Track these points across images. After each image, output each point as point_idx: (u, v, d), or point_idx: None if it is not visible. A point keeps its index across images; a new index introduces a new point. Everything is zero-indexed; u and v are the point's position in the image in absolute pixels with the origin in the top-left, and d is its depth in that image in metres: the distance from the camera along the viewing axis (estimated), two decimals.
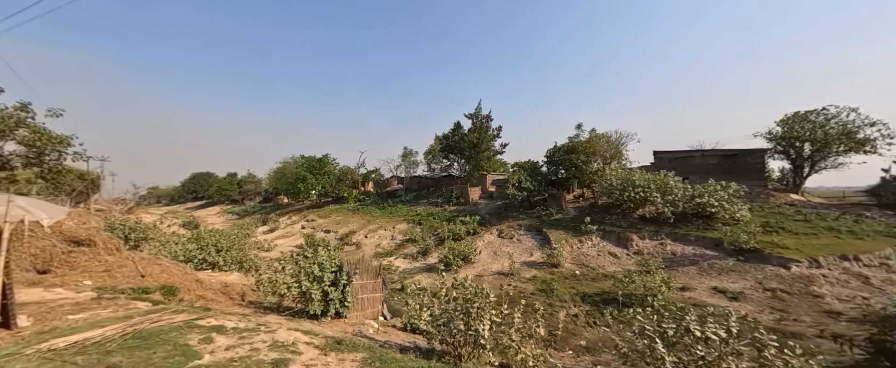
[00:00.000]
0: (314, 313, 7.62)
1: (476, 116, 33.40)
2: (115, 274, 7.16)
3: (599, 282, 12.46)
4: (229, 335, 3.71)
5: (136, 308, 4.74)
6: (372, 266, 9.21)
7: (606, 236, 16.42)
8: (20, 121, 10.27)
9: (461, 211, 28.56)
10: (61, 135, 11.07)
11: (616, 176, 17.24)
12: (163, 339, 3.34)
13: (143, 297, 5.57)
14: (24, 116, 10.49)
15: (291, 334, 4.11)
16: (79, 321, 4.03)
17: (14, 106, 10.75)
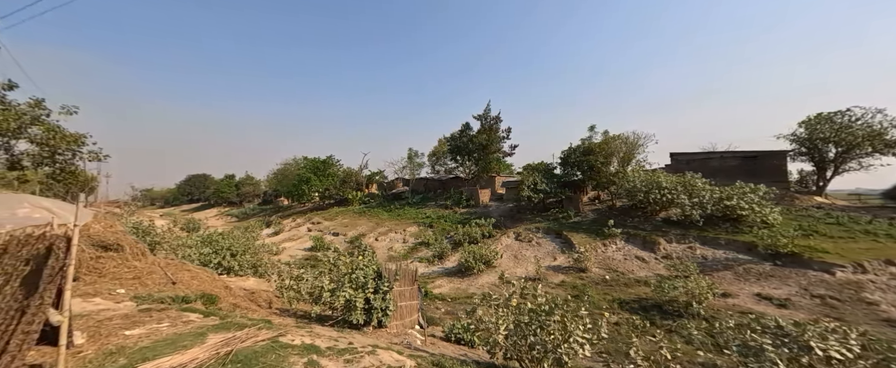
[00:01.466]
0: (357, 322, 7.17)
1: (485, 117, 33.13)
2: (145, 281, 6.66)
3: (633, 288, 12.10)
4: (330, 357, 3.26)
5: (191, 321, 4.27)
6: (409, 271, 8.78)
7: (630, 239, 16.10)
8: (35, 118, 9.73)
9: (472, 213, 28.15)
10: (76, 134, 10.52)
11: (639, 178, 16.97)
12: (264, 364, 2.89)
13: (191, 308, 5.09)
14: (39, 113, 9.95)
15: (390, 354, 3.68)
16: (139, 337, 3.56)
17: (27, 102, 10.21)
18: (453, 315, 11.32)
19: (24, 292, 2.96)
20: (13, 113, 9.29)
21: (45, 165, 10.66)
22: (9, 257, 3.37)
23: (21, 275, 3.12)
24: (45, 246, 3.23)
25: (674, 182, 15.75)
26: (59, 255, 2.96)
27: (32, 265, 3.15)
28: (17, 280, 3.09)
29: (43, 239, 3.34)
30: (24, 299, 2.89)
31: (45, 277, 2.85)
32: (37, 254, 3.21)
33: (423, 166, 47.06)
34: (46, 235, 3.36)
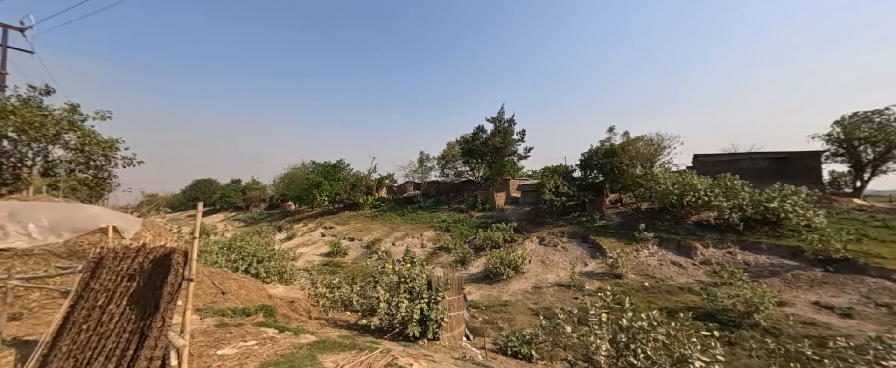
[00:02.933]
0: (413, 335, 6.85)
1: (499, 120, 32.91)
2: (196, 292, 6.38)
3: (677, 296, 11.67)
4: None
5: (275, 339, 3.97)
6: (456, 280, 8.47)
7: (663, 244, 15.66)
8: (72, 124, 9.59)
9: (489, 217, 27.76)
10: (110, 139, 10.37)
11: (671, 180, 16.59)
12: None
13: (264, 323, 4.79)
14: (76, 119, 9.82)
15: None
16: (237, 359, 3.27)
17: (62, 107, 10.09)
18: (492, 324, 10.95)
19: (136, 311, 2.68)
20: (51, 118, 9.15)
21: (79, 171, 10.51)
22: (107, 272, 3.11)
23: (127, 293, 2.85)
24: (149, 260, 2.96)
25: (710, 184, 15.36)
26: (178, 271, 2.69)
27: (139, 281, 2.88)
28: (124, 298, 2.82)
29: (143, 252, 3.07)
30: (139, 320, 2.61)
31: (165, 295, 2.57)
32: (141, 269, 2.94)
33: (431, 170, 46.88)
34: (145, 247, 3.09)
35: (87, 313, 2.91)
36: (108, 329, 2.72)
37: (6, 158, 9.67)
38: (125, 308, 2.75)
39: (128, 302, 2.77)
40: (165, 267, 2.76)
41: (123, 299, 2.81)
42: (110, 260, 3.14)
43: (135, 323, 2.62)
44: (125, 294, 2.83)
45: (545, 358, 7.49)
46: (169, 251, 2.84)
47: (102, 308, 2.88)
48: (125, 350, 2.52)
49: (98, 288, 3.01)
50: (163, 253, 2.88)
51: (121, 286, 2.91)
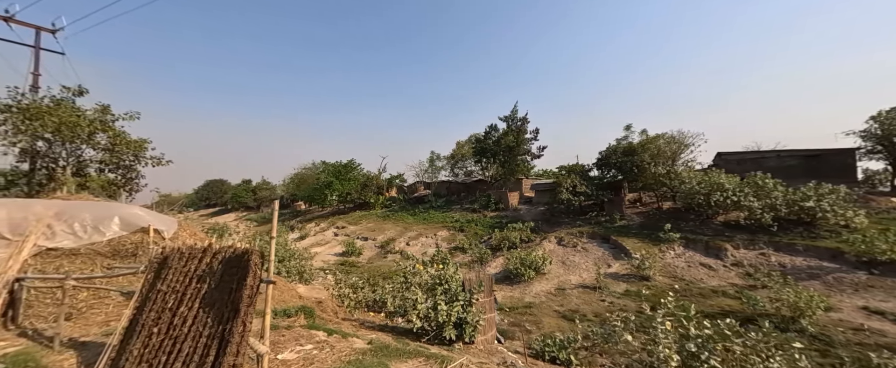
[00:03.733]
0: (449, 338, 6.67)
1: (512, 119, 32.56)
2: None
3: (711, 299, 11.24)
4: None
5: (328, 342, 3.84)
6: (488, 281, 8.27)
7: (690, 245, 15.19)
8: (104, 124, 9.71)
9: (503, 217, 27.47)
10: (139, 139, 10.48)
11: (697, 179, 16.09)
12: None
13: (311, 324, 4.68)
14: (108, 119, 9.95)
15: None
16: (298, 364, 3.14)
17: (93, 108, 10.23)
18: (519, 326, 10.72)
19: (212, 315, 2.56)
20: (85, 119, 9.27)
21: (108, 171, 10.64)
22: (173, 273, 3.01)
23: (198, 295, 2.74)
24: (218, 261, 2.84)
25: (739, 183, 14.83)
26: (256, 272, 2.56)
27: (210, 282, 2.77)
28: (195, 300, 2.71)
29: (209, 252, 2.96)
30: (216, 324, 2.49)
31: (245, 298, 2.44)
32: (210, 270, 2.83)
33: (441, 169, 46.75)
34: (211, 248, 2.98)
35: (156, 315, 2.81)
36: (181, 332, 2.60)
37: (41, 159, 9.83)
38: (198, 312, 2.63)
39: (200, 304, 2.66)
40: (240, 268, 2.63)
41: (195, 301, 2.70)
42: (176, 260, 3.04)
43: (212, 328, 2.50)
44: (196, 296, 2.72)
45: (584, 365, 7.23)
46: (241, 252, 2.71)
47: (173, 311, 2.77)
48: (204, 355, 2.40)
49: (166, 290, 2.91)
50: (234, 254, 2.76)
51: (190, 288, 2.80)
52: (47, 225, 5.02)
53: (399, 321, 8.97)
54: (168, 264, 3.07)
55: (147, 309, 2.88)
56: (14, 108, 8.86)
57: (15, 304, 4.33)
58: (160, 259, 3.18)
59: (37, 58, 10.88)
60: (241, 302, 2.43)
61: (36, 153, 9.59)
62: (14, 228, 4.84)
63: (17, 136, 8.55)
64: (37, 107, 8.75)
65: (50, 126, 8.44)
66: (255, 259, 2.58)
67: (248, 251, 2.65)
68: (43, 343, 3.72)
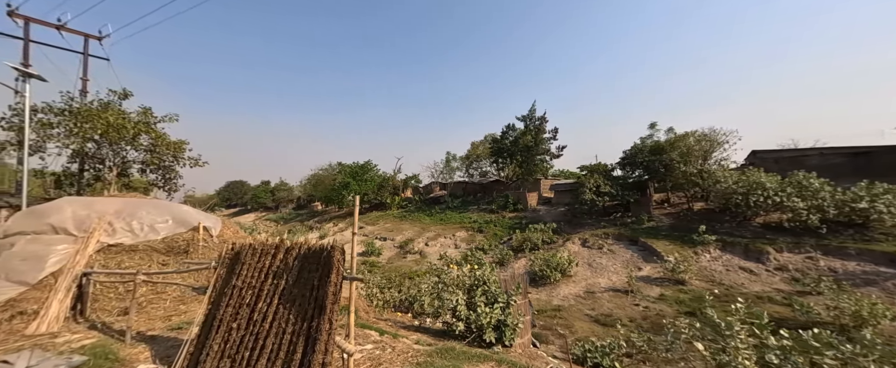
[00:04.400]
0: (489, 341, 6.52)
1: (530, 118, 32.09)
2: None
3: (756, 305, 10.58)
4: None
5: (385, 343, 3.77)
6: (524, 282, 8.07)
7: (727, 248, 14.42)
8: (147, 126, 10.14)
9: (523, 217, 27.06)
10: (178, 141, 10.88)
11: (733, 178, 15.29)
12: None
13: (360, 322, 4.64)
14: (151, 121, 10.39)
15: None
16: (364, 363, 3.07)
17: (136, 111, 10.68)
18: (551, 330, 10.43)
19: (293, 311, 2.53)
20: (130, 122, 9.70)
21: (149, 172, 11.08)
22: (247, 269, 3.01)
23: (276, 291, 2.72)
24: (293, 257, 2.82)
25: (781, 182, 13.99)
26: (339, 269, 2.51)
27: (287, 279, 2.74)
28: (274, 297, 2.69)
29: (282, 249, 2.94)
30: (300, 321, 2.45)
31: (330, 296, 2.39)
32: (287, 267, 2.80)
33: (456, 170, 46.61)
34: (284, 244, 2.96)
35: (234, 311, 2.81)
36: (263, 328, 2.58)
37: (89, 160, 10.34)
38: (278, 308, 2.60)
39: (280, 301, 2.63)
40: (320, 264, 2.59)
41: (273, 298, 2.68)
42: (248, 256, 3.04)
43: (295, 324, 2.46)
44: (274, 292, 2.70)
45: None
46: (319, 248, 2.67)
47: (251, 307, 2.76)
48: (291, 353, 2.36)
49: (241, 285, 2.91)
50: (311, 250, 2.72)
51: (267, 283, 2.79)
52: (108, 223, 5.22)
53: (428, 321, 8.86)
54: (240, 260, 3.07)
55: (223, 305, 2.88)
56: (66, 112, 9.36)
57: (83, 298, 4.51)
58: (231, 255, 3.19)
59: (85, 64, 11.50)
60: (327, 298, 2.38)
61: (85, 154, 10.09)
62: (79, 224, 5.05)
63: (71, 138, 9.02)
64: (88, 109, 9.21)
65: (100, 128, 8.87)
66: (337, 255, 2.52)
67: (330, 247, 2.60)
68: (114, 336, 3.83)
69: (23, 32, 10.17)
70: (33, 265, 4.40)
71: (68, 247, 4.74)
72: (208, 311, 2.99)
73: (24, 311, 4.07)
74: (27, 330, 3.93)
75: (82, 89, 11.23)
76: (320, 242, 2.77)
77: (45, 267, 4.40)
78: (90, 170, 10.58)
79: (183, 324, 4.14)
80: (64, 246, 4.72)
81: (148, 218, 5.57)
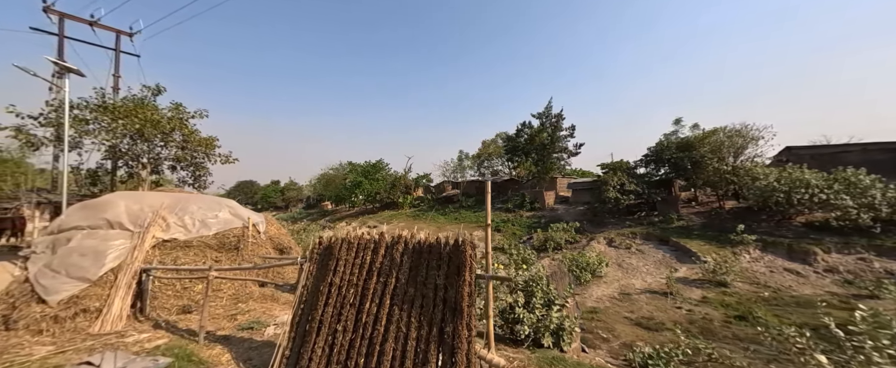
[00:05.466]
0: (546, 346, 6.16)
1: (546, 115, 31.55)
2: None
3: (811, 309, 10.01)
4: None
5: None
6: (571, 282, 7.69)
7: (768, 248, 13.77)
8: (182, 122, 10.05)
9: (541, 217, 26.56)
10: (209, 137, 10.78)
11: (773, 175, 14.63)
12: None
13: None
14: (183, 117, 10.30)
15: None
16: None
17: (168, 107, 10.61)
18: (592, 333, 10.02)
19: (415, 313, 2.23)
20: (165, 118, 9.62)
21: (180, 168, 11.02)
22: (343, 265, 2.73)
23: (386, 290, 2.43)
24: (399, 251, 2.52)
25: (826, 179, 13.30)
26: (472, 266, 2.21)
27: (398, 276, 2.45)
28: (385, 296, 2.39)
29: (383, 243, 2.65)
30: (424, 325, 2.15)
31: (464, 297, 2.09)
32: (396, 263, 2.51)
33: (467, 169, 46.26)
34: (384, 237, 2.67)
35: (335, 311, 2.53)
36: (376, 332, 2.30)
37: (122, 157, 10.30)
38: (393, 309, 2.32)
39: (393, 301, 2.34)
40: (442, 260, 2.29)
41: (384, 297, 2.39)
42: (343, 251, 2.76)
43: (420, 329, 2.17)
44: (383, 292, 2.41)
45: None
46: (439, 242, 2.37)
47: (356, 307, 2.48)
48: (421, 362, 2.06)
49: (340, 283, 2.63)
50: (428, 245, 2.42)
51: (372, 282, 2.50)
52: (162, 218, 5.04)
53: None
54: (333, 255, 2.80)
55: (320, 304, 2.61)
56: (102, 107, 9.30)
57: (143, 295, 4.32)
58: (321, 250, 2.92)
59: (117, 60, 11.50)
60: (462, 300, 2.07)
61: (118, 152, 10.04)
62: (133, 219, 4.88)
63: (108, 134, 8.96)
64: (124, 106, 9.14)
65: (136, 124, 8.78)
66: (470, 250, 2.22)
67: (460, 241, 2.29)
68: (184, 336, 3.61)
69: (57, 28, 10.16)
70: (93, 260, 4.22)
71: (125, 242, 4.56)
72: (300, 312, 2.72)
73: (86, 309, 3.89)
74: (92, 329, 3.74)
75: (114, 86, 11.23)
76: (437, 235, 2.47)
77: (104, 263, 4.22)
78: (123, 167, 10.54)
79: (253, 324, 3.91)
80: (121, 241, 4.54)
81: (199, 214, 5.38)
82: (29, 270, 4.21)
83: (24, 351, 3.12)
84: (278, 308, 4.59)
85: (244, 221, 5.79)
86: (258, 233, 5.94)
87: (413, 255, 2.45)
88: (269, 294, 5.16)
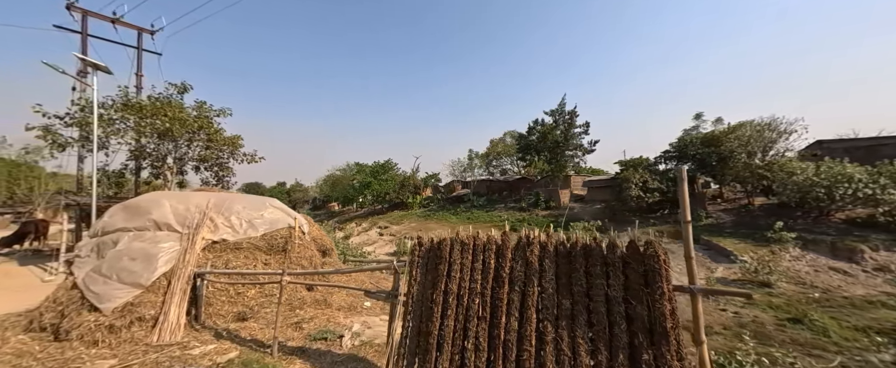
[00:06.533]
0: None
1: (559, 112, 31.04)
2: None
3: (869, 311, 9.45)
4: None
5: None
6: None
7: (809, 246, 13.19)
8: (208, 120, 9.79)
9: (558, 216, 26.03)
10: (233, 136, 10.51)
11: (811, 170, 14.04)
12: None
13: None
14: (210, 115, 10.04)
15: None
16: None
17: (191, 106, 10.36)
18: None
19: (578, 334, 1.85)
20: (191, 117, 9.35)
21: (205, 168, 10.76)
22: (458, 270, 2.36)
23: (527, 303, 2.05)
24: (535, 255, 2.14)
25: (871, 173, 12.70)
26: (669, 277, 1.83)
27: (541, 284, 2.07)
28: (529, 309, 2.02)
29: (509, 246, 2.26)
30: (603, 349, 1.77)
31: (666, 317, 1.70)
32: (532, 269, 2.13)
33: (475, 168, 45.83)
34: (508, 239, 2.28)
35: (460, 326, 2.16)
36: (525, 354, 1.92)
37: (146, 158, 10.05)
38: (542, 325, 1.94)
39: (543, 315, 1.96)
40: (612, 267, 1.90)
41: (527, 311, 2.01)
42: (456, 253, 2.39)
43: (596, 354, 1.78)
44: (524, 303, 2.03)
45: None
46: (598, 245, 1.98)
47: (486, 321, 2.10)
48: None
49: (459, 291, 2.26)
50: (588, 249, 2.03)
51: (505, 291, 2.13)
52: (210, 218, 4.72)
53: None
54: (443, 258, 2.42)
55: (436, 316, 2.24)
56: (129, 106, 9.06)
57: (197, 302, 4.00)
58: (424, 252, 2.55)
59: (139, 58, 11.28)
60: (663, 319, 1.68)
61: (144, 152, 9.80)
62: (180, 220, 4.57)
63: (137, 133, 8.71)
64: (152, 104, 8.89)
65: (166, 122, 8.52)
66: (664, 256, 1.83)
67: (633, 243, 1.91)
68: (252, 347, 3.27)
69: (80, 26, 9.95)
70: (144, 264, 3.91)
71: (175, 245, 4.25)
72: (409, 325, 2.35)
73: (142, 317, 3.57)
74: (150, 339, 3.42)
75: (137, 85, 11.01)
76: (592, 236, 2.09)
77: (156, 267, 3.91)
78: (147, 168, 10.30)
79: (325, 333, 3.57)
80: (170, 243, 4.23)
81: (245, 213, 5.07)
82: (75, 275, 3.91)
83: (86, 367, 2.80)
84: (342, 315, 4.24)
85: (289, 221, 5.46)
86: (302, 234, 5.60)
87: (559, 260, 2.07)
88: (320, 298, 4.83)
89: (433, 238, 2.59)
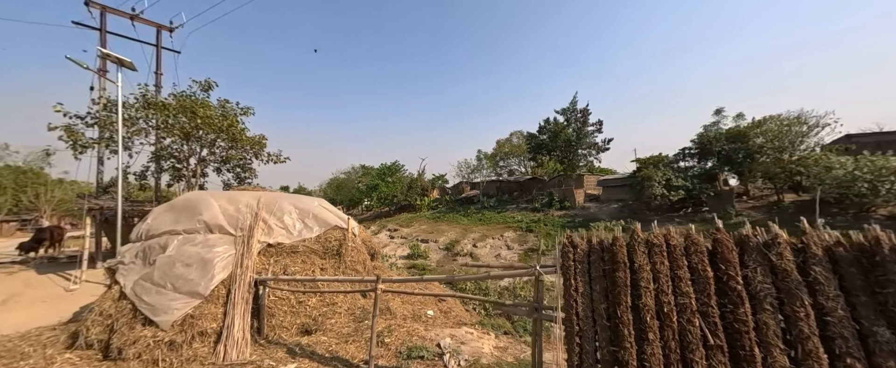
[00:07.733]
0: None
1: (571, 111, 30.65)
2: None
3: None
4: None
5: None
6: None
7: None
8: (234, 118, 9.37)
9: (574, 216, 25.52)
10: (258, 136, 10.08)
11: (851, 165, 13.53)
12: None
13: None
14: (235, 113, 9.62)
15: None
16: None
17: (216, 104, 9.94)
18: None
19: None
20: (217, 116, 8.93)
21: (227, 170, 10.33)
22: (651, 280, 1.88)
23: (804, 329, 1.56)
24: (787, 259, 1.64)
25: None
26: None
27: (826, 303, 1.59)
28: (806, 340, 1.53)
29: (731, 246, 1.76)
30: None
31: None
32: (792, 279, 1.64)
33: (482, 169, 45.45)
34: (726, 239, 1.77)
35: (675, 354, 1.67)
36: None
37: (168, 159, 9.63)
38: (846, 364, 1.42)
39: (845, 352, 1.43)
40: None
41: (808, 341, 1.48)
42: (640, 256, 1.91)
43: None
44: (794, 330, 1.52)
45: None
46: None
47: (722, 350, 1.62)
48: None
49: (657, 308, 1.78)
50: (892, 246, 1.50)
51: (746, 311, 1.63)
52: (263, 219, 4.27)
53: None
54: (620, 263, 1.94)
55: (626, 338, 1.75)
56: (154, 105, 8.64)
57: (260, 312, 3.53)
58: (578, 256, 2.07)
59: (158, 56, 10.89)
60: None
61: (167, 152, 9.38)
62: (231, 222, 4.12)
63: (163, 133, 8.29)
64: (180, 103, 8.47)
65: (200, 118, 8.09)
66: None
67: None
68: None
69: (99, 23, 9.57)
70: (199, 271, 3.45)
71: (229, 249, 3.79)
72: (582, 349, 1.87)
73: (203, 331, 3.10)
74: (216, 358, 2.95)
75: (156, 84, 10.61)
76: None
77: (214, 274, 3.45)
78: (169, 169, 9.87)
79: (419, 350, 3.08)
80: (224, 247, 3.77)
81: (296, 214, 4.61)
82: (122, 284, 3.45)
83: None
84: (421, 327, 3.77)
85: (338, 221, 5.00)
86: (353, 236, 5.14)
87: (840, 267, 1.56)
88: (382, 307, 4.36)
89: (598, 237, 2.12)
